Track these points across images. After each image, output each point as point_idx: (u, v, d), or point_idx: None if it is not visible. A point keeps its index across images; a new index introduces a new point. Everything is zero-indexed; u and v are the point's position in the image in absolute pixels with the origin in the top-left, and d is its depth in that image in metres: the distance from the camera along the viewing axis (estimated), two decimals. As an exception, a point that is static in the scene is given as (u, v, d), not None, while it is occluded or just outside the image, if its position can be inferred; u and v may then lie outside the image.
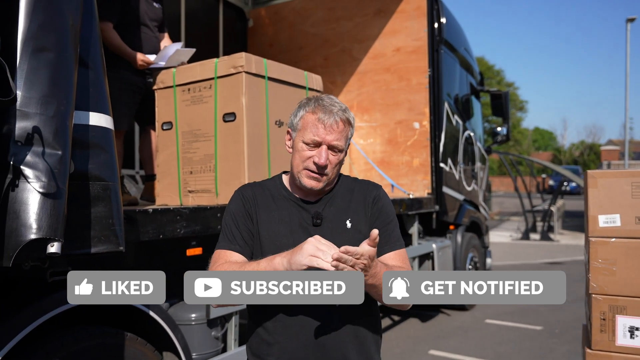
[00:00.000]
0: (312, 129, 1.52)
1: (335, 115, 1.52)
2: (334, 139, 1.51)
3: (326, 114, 1.51)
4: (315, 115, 1.53)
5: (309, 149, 1.52)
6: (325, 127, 1.51)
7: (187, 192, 3.06)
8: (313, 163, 1.51)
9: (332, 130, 1.51)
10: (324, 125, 1.51)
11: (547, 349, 4.93)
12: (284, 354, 1.49)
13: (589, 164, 50.07)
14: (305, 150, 1.53)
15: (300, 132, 1.55)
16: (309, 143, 1.52)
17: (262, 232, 1.55)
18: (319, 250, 1.31)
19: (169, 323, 2.46)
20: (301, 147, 1.54)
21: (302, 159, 1.53)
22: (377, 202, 1.64)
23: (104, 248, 1.78)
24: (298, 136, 1.56)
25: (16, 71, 1.48)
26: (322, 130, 1.51)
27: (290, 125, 1.62)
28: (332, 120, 1.51)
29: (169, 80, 3.12)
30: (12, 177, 1.44)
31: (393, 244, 1.61)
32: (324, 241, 1.34)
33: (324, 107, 1.53)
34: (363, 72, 5.46)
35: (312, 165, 1.52)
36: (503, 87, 38.59)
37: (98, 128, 1.80)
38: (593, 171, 2.17)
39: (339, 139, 1.52)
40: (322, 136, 1.50)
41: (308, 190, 1.57)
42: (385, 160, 5.32)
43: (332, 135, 1.51)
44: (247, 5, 6.14)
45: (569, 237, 14.63)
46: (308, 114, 1.55)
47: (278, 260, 1.37)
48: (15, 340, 1.85)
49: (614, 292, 2.07)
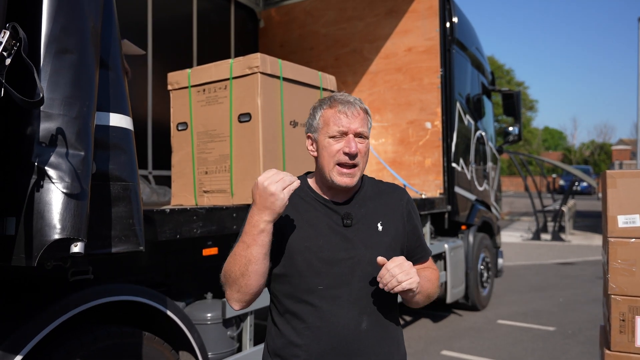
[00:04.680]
0: (335, 121, 1.52)
1: (354, 105, 1.54)
2: (359, 126, 1.52)
3: (345, 105, 1.53)
4: (334, 109, 1.54)
5: (336, 141, 1.52)
6: (347, 116, 1.52)
7: (202, 192, 3.08)
8: (344, 154, 1.50)
9: (355, 118, 1.52)
10: (346, 115, 1.52)
11: (560, 350, 4.90)
12: (311, 356, 1.48)
13: (600, 163, 49.67)
14: (333, 144, 1.52)
15: (323, 130, 1.54)
16: (335, 135, 1.52)
17: (288, 234, 1.54)
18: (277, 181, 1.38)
19: (185, 322, 2.48)
20: (328, 143, 1.53)
21: (332, 154, 1.52)
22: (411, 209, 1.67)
23: (124, 248, 1.79)
24: (321, 135, 1.55)
25: (40, 73, 1.50)
26: (346, 120, 1.51)
27: (308, 129, 1.61)
28: (353, 109, 1.53)
29: (184, 81, 3.13)
30: (36, 178, 1.46)
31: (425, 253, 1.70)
32: (266, 174, 1.40)
33: (340, 100, 1.55)
34: (374, 72, 5.46)
35: (343, 156, 1.51)
36: (513, 86, 38.38)
37: (118, 129, 1.81)
38: (612, 171, 2.15)
39: (362, 125, 1.53)
40: (346, 125, 1.51)
41: (340, 189, 1.56)
42: (397, 161, 5.31)
43: (356, 123, 1.52)
44: (258, 6, 6.16)
45: (580, 238, 14.52)
46: (326, 110, 1.56)
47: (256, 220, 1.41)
48: (37, 338, 1.87)
49: (634, 293, 2.06)
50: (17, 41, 1.37)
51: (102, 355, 2.10)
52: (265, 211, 1.38)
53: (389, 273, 1.38)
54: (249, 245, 1.41)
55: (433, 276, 1.63)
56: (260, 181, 1.39)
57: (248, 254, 1.41)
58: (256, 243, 1.40)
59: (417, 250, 1.66)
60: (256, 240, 1.40)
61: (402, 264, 1.39)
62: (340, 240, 1.53)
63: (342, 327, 1.48)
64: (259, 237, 1.40)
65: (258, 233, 1.39)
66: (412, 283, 1.38)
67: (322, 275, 1.49)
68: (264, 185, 1.37)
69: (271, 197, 1.36)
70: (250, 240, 1.41)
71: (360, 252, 1.52)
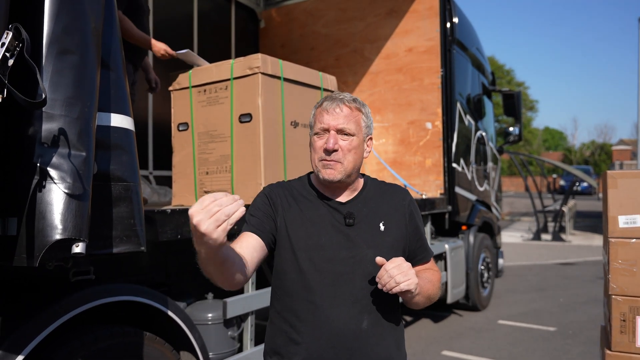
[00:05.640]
0: (319, 118, 1.56)
1: (338, 101, 1.56)
2: (340, 123, 1.53)
3: (330, 102, 1.56)
4: (321, 107, 1.58)
5: (318, 137, 1.55)
6: (329, 113, 1.54)
7: (203, 192, 3.08)
8: (324, 150, 1.53)
9: (336, 115, 1.54)
10: (327, 112, 1.55)
11: (561, 350, 4.90)
12: (311, 354, 1.49)
13: (600, 164, 49.66)
14: (317, 140, 1.56)
15: (313, 128, 1.59)
16: (318, 132, 1.55)
17: (291, 232, 1.54)
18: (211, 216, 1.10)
19: (186, 322, 2.48)
20: (313, 140, 1.57)
21: (315, 150, 1.56)
22: (413, 210, 1.67)
23: (125, 248, 1.79)
24: (312, 133, 1.60)
25: (42, 73, 1.50)
26: (327, 117, 1.54)
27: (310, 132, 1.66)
28: (334, 105, 1.55)
29: (184, 81, 3.14)
30: (38, 179, 1.46)
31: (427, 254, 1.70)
32: (198, 205, 1.12)
33: (329, 97, 1.59)
34: (375, 72, 5.46)
35: (323, 153, 1.53)
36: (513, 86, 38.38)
37: (119, 129, 1.82)
38: (613, 171, 2.15)
39: (345, 122, 1.54)
40: (327, 122, 1.54)
41: (330, 184, 1.57)
42: (398, 161, 5.31)
43: (338, 120, 1.53)
44: (258, 6, 6.16)
45: (580, 238, 14.51)
46: (317, 109, 1.60)
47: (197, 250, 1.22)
48: (38, 338, 1.87)
49: (635, 293, 2.06)
50: (20, 42, 1.37)
51: (103, 356, 2.10)
52: (202, 246, 1.18)
53: (387, 274, 1.38)
54: (207, 258, 1.25)
55: (434, 277, 1.63)
56: (190, 215, 1.12)
57: (209, 264, 1.28)
58: (210, 259, 1.25)
59: (418, 251, 1.66)
60: (209, 257, 1.24)
61: (400, 264, 1.39)
62: (342, 239, 1.53)
63: (342, 325, 1.48)
64: (209, 255, 1.23)
65: (204, 255, 1.23)
66: (411, 284, 1.37)
67: (323, 273, 1.50)
68: (193, 222, 1.11)
69: (203, 236, 1.12)
70: (203, 254, 1.24)
71: (362, 252, 1.53)
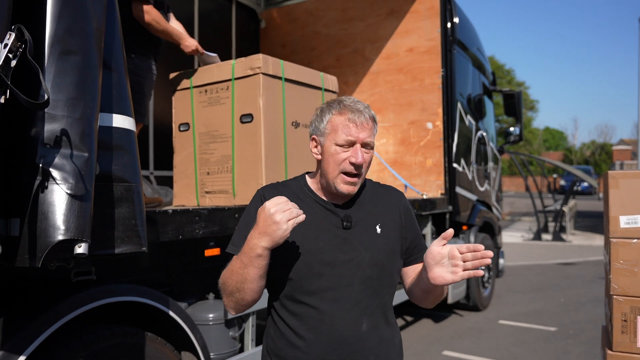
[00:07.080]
0: (344, 130, 1.51)
1: (364, 114, 1.53)
2: (367, 136, 1.52)
3: (355, 114, 1.52)
4: (343, 116, 1.53)
5: (343, 150, 1.52)
6: (357, 126, 1.51)
7: (204, 193, 3.08)
8: (350, 163, 1.51)
9: (363, 128, 1.52)
10: (355, 124, 1.51)
11: (562, 350, 4.90)
12: (312, 357, 1.49)
13: (601, 163, 49.65)
14: (340, 152, 1.52)
15: (331, 136, 1.54)
16: (343, 144, 1.51)
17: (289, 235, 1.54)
18: (284, 210, 1.35)
19: (187, 323, 2.48)
20: (335, 150, 1.52)
21: (338, 162, 1.52)
22: (407, 212, 1.67)
23: (127, 249, 1.79)
24: (328, 140, 1.54)
25: (45, 74, 1.50)
26: (355, 129, 1.51)
27: (314, 131, 1.61)
28: (362, 119, 1.52)
29: (185, 82, 3.14)
30: (40, 179, 1.46)
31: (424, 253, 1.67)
32: (276, 200, 1.38)
33: (350, 107, 1.54)
34: (376, 72, 5.46)
35: (349, 166, 1.51)
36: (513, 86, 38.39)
37: (121, 130, 1.82)
38: (614, 172, 2.15)
39: (370, 135, 1.54)
40: (355, 135, 1.51)
41: (343, 196, 1.57)
42: (398, 161, 5.31)
43: (365, 133, 1.52)
44: (259, 7, 6.16)
45: (581, 238, 14.51)
46: (335, 116, 1.54)
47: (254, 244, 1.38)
48: (40, 339, 1.88)
49: (636, 294, 2.06)
50: (23, 43, 1.37)
51: (105, 356, 2.11)
52: (265, 237, 1.36)
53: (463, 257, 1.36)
54: (246, 265, 1.41)
55: None
56: (267, 206, 1.36)
57: (244, 273, 1.41)
58: (253, 265, 1.40)
59: (415, 250, 1.66)
60: (253, 262, 1.39)
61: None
62: (340, 242, 1.53)
63: (343, 328, 1.49)
64: (255, 260, 1.39)
65: (255, 257, 1.39)
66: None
67: (322, 277, 1.50)
68: (270, 211, 1.35)
69: (274, 224, 1.34)
70: (247, 260, 1.40)
71: (360, 254, 1.53)
